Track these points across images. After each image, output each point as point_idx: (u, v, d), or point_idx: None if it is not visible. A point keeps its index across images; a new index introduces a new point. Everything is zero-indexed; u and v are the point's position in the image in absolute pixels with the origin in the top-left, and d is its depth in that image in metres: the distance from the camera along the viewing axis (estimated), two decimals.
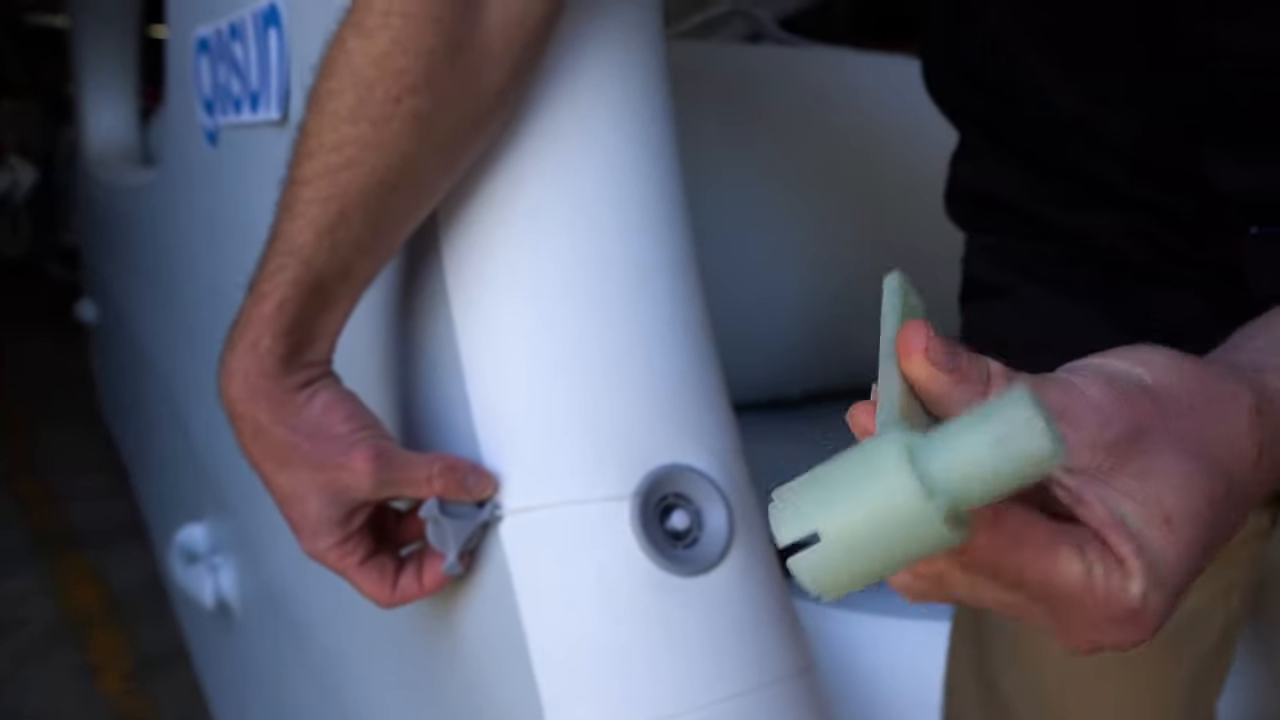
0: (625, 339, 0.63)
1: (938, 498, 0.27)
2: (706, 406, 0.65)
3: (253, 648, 1.41)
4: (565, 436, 0.61)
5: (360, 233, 0.58)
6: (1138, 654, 0.71)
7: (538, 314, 0.63)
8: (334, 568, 0.60)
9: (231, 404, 0.58)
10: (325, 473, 0.57)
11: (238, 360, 0.58)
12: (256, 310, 0.57)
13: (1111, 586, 0.33)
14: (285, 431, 0.57)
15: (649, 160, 0.67)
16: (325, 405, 0.59)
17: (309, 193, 0.56)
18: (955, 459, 0.28)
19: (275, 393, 0.58)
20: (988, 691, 0.78)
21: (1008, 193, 0.76)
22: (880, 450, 0.28)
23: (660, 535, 0.61)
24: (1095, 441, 0.34)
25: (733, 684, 0.59)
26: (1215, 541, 0.35)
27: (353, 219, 0.57)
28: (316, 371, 0.60)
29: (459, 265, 0.64)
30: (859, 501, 0.28)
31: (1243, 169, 0.62)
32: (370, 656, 0.86)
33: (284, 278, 0.57)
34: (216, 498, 1.50)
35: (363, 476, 0.57)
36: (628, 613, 0.59)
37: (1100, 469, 0.34)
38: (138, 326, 2.17)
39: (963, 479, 0.28)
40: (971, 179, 0.80)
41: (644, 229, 0.66)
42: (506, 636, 0.60)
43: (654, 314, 0.65)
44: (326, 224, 0.56)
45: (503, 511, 0.61)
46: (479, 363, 0.63)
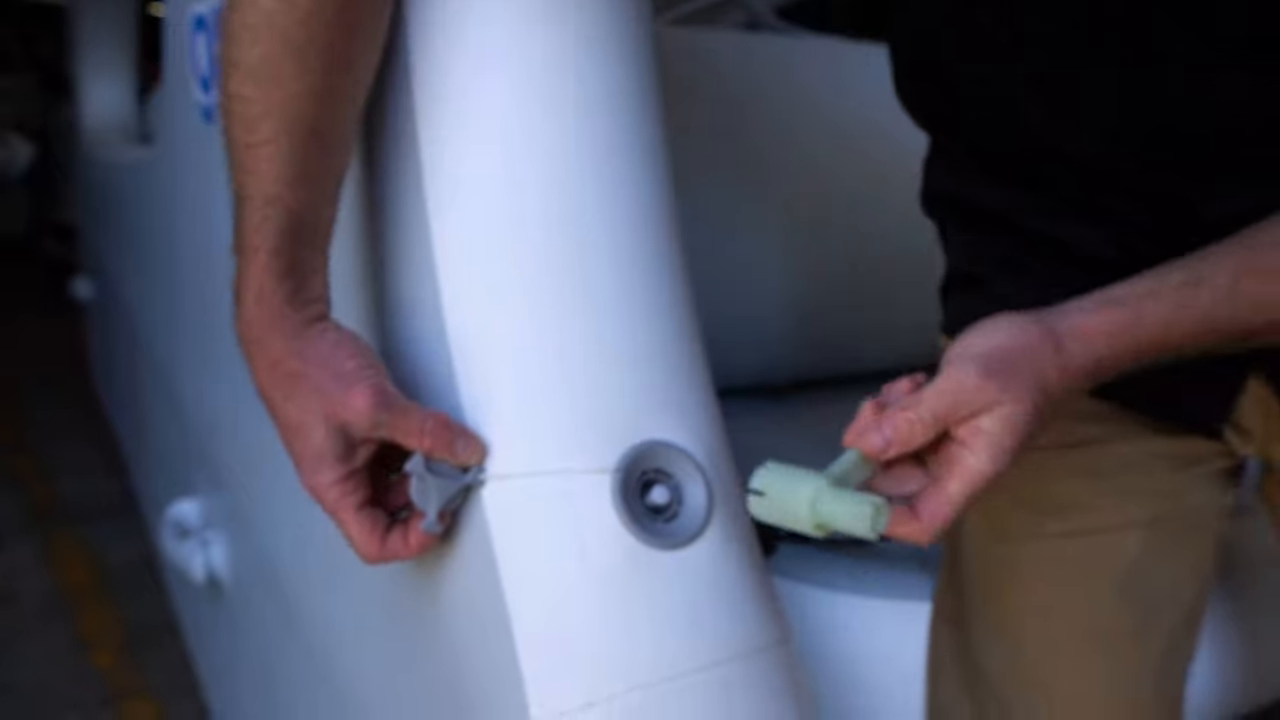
0: (610, 315, 0.64)
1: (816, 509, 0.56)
2: (689, 385, 0.66)
3: (243, 622, 1.42)
4: (549, 407, 0.62)
5: (317, 167, 0.62)
6: (1117, 629, 0.74)
7: (524, 285, 0.64)
8: (330, 507, 0.62)
9: (249, 344, 0.62)
10: (329, 403, 0.60)
11: (249, 310, 0.62)
12: (253, 263, 0.61)
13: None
14: (298, 362, 0.61)
15: (633, 138, 0.68)
16: (335, 341, 0.63)
17: (270, 150, 0.61)
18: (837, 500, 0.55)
19: (288, 328, 0.62)
20: (972, 672, 0.80)
21: (983, 199, 0.78)
22: (808, 479, 0.56)
23: (640, 509, 0.62)
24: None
25: (710, 654, 0.60)
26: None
27: (311, 155, 0.61)
28: (319, 309, 0.64)
29: (445, 229, 0.65)
30: (790, 491, 0.57)
31: (1228, 200, 0.65)
32: (357, 630, 0.87)
33: (270, 228, 0.61)
34: (208, 473, 1.50)
35: (361, 413, 0.60)
36: (608, 583, 0.60)
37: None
38: (132, 303, 2.17)
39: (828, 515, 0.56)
40: (945, 182, 0.83)
41: (630, 208, 0.67)
42: (489, 606, 0.62)
43: (639, 292, 0.66)
44: (292, 171, 0.61)
45: (486, 476, 0.62)
46: (464, 328, 0.64)
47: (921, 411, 0.57)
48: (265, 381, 0.62)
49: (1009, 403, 0.57)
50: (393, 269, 0.70)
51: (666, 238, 0.69)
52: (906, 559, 0.96)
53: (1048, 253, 0.76)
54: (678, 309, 0.68)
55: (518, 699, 0.60)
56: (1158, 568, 0.76)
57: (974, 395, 0.57)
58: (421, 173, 0.66)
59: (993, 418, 0.57)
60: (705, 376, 0.68)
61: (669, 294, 0.67)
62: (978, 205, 0.79)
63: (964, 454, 0.57)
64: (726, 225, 1.37)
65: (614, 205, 0.66)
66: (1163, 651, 0.77)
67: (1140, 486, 0.77)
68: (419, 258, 0.67)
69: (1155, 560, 0.76)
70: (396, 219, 0.69)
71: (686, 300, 0.69)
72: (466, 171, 0.65)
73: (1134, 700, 0.76)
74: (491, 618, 0.61)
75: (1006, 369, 0.58)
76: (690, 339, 0.68)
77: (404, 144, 0.67)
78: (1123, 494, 0.77)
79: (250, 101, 0.61)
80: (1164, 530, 0.77)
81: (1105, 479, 0.77)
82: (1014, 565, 0.78)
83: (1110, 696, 0.76)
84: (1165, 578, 0.76)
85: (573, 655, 0.59)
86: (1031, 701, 0.77)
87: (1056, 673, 0.76)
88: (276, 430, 0.63)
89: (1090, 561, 0.76)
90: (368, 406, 0.60)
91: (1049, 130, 0.71)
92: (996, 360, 0.58)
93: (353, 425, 0.61)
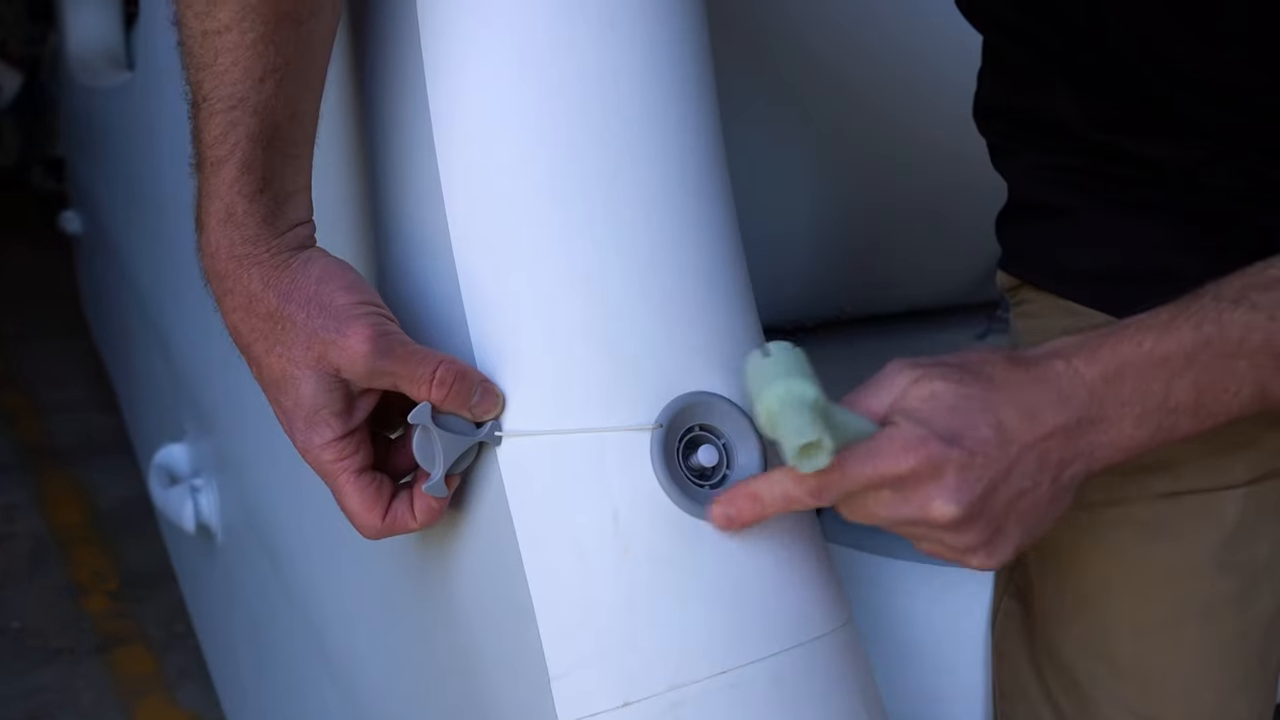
0: (649, 248, 0.56)
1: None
2: (739, 330, 0.58)
3: (235, 573, 1.37)
4: (577, 353, 0.54)
5: (294, 58, 0.53)
6: (1215, 601, 0.67)
7: (545, 213, 0.55)
8: (326, 473, 0.54)
9: (219, 280, 0.54)
10: (318, 348, 0.52)
11: (214, 235, 0.53)
12: (218, 179, 0.53)
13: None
14: (278, 300, 0.53)
15: (676, 51, 0.60)
16: (322, 272, 0.54)
17: (233, 39, 0.52)
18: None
19: (265, 257, 0.53)
20: (1045, 655, 0.74)
21: (1060, 115, 0.71)
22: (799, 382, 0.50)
23: (684, 472, 0.54)
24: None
25: (766, 643, 0.53)
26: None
27: (284, 44, 0.53)
28: (304, 233, 0.56)
29: (452, 145, 0.57)
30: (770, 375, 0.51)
31: None
32: (353, 606, 0.80)
33: (238, 135, 0.52)
34: (197, 417, 1.45)
35: (357, 357, 0.52)
36: (646, 560, 0.52)
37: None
38: (118, 237, 2.13)
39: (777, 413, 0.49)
40: (1010, 97, 0.75)
41: (672, 130, 0.59)
42: (506, 587, 0.54)
43: (682, 223, 0.58)
44: (261, 64, 0.52)
45: (502, 433, 0.54)
46: (476, 262, 0.56)
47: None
48: (240, 324, 0.54)
49: (928, 377, 0.52)
50: (390, 192, 0.61)
51: (712, 164, 0.61)
52: None
53: (1134, 176, 0.68)
54: (725, 244, 0.60)
55: (542, 698, 0.52)
56: (1260, 533, 0.69)
57: (887, 377, 0.53)
58: (424, 76, 0.58)
59: (914, 389, 0.52)
60: (755, 321, 0.60)
61: (716, 227, 0.59)
62: (1048, 119, 0.71)
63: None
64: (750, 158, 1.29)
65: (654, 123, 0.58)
66: (1266, 621, 0.71)
67: (1239, 442, 0.69)
68: (422, 179, 0.58)
69: (1256, 526, 0.69)
70: (393, 131, 0.60)
71: (734, 235, 0.61)
72: (476, 77, 0.57)
73: (1234, 676, 0.71)
74: (509, 601, 0.54)
75: (930, 358, 0.54)
76: (740, 278, 0.60)
77: (401, 38, 0.58)
78: (1219, 452, 0.69)
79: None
80: (1265, 493, 0.69)
81: (1199, 436, 0.69)
82: (1094, 534, 0.71)
83: (1207, 674, 0.70)
84: (1267, 543, 0.70)
85: (606, 646, 0.52)
86: (1114, 685, 0.70)
87: (1145, 652, 0.70)
88: (259, 383, 0.54)
89: (1184, 527, 0.70)
90: (365, 350, 0.52)
91: (1143, 25, 0.63)
92: (921, 358, 0.54)
93: (347, 370, 0.52)
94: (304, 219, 0.56)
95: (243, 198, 0.53)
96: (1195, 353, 0.52)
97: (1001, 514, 0.51)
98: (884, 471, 0.50)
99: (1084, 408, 0.52)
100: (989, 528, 0.51)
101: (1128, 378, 0.52)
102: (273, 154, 0.54)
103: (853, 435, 0.50)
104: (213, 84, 0.52)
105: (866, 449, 0.50)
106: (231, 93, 0.52)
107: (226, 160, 0.52)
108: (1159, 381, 0.52)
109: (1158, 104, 0.66)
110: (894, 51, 1.23)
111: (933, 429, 0.50)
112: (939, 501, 0.50)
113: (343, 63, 0.64)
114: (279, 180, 0.54)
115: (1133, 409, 0.52)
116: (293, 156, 0.55)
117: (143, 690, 1.95)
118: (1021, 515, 0.52)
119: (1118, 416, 0.52)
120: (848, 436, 0.50)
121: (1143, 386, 0.52)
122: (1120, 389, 0.52)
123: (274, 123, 0.53)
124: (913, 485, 0.50)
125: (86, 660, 2.03)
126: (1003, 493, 0.51)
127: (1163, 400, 0.52)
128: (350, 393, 0.54)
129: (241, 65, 0.52)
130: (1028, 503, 0.52)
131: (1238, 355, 0.52)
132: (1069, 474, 0.53)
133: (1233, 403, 0.53)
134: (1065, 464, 0.52)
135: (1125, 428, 0.52)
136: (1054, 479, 0.52)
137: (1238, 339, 0.52)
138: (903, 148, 1.28)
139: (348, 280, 0.54)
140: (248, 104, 0.52)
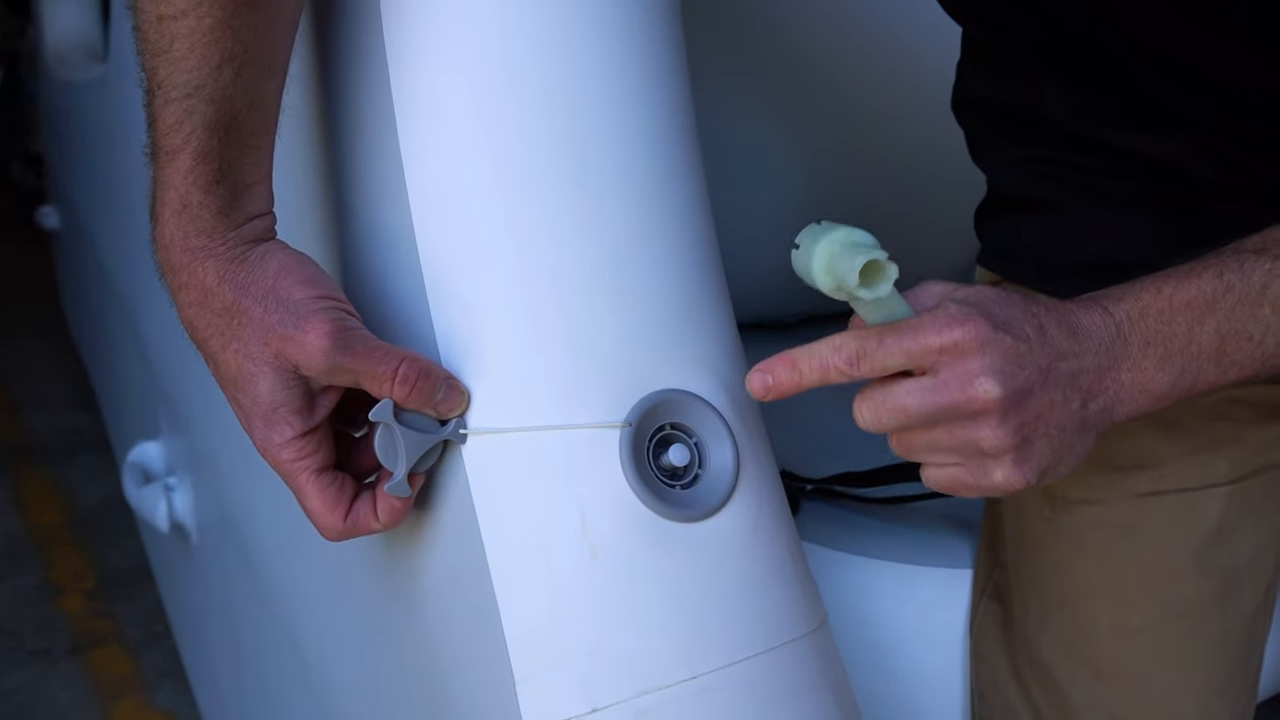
0: (618, 242, 0.55)
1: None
2: (712, 325, 0.57)
3: (209, 572, 1.36)
4: (545, 349, 0.53)
5: (253, 45, 0.52)
6: (1196, 603, 0.66)
7: (512, 205, 0.54)
8: (285, 472, 0.53)
9: (173, 274, 0.52)
10: (276, 343, 0.51)
11: (169, 228, 0.52)
12: (172, 168, 0.51)
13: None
14: (234, 294, 0.51)
15: (648, 37, 0.58)
16: (280, 266, 0.52)
17: (189, 24, 0.50)
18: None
19: (221, 250, 0.52)
20: (1024, 655, 0.73)
21: (1041, 107, 0.70)
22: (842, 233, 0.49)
23: (654, 472, 0.53)
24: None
25: (737, 648, 0.51)
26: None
27: (242, 31, 0.51)
28: (263, 226, 0.54)
29: (414, 135, 0.55)
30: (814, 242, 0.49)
31: None
32: (322, 605, 0.78)
33: (194, 123, 0.51)
34: (171, 414, 1.43)
35: (315, 353, 0.50)
36: (614, 563, 0.51)
37: None
38: (94, 232, 2.11)
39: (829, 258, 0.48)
40: (990, 90, 0.74)
41: (643, 119, 0.57)
42: (471, 589, 0.52)
43: (653, 215, 0.56)
44: (219, 51, 0.50)
45: (467, 430, 0.52)
46: (440, 256, 0.54)
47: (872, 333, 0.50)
48: (195, 320, 0.52)
49: (967, 289, 0.51)
50: (354, 184, 0.60)
51: (685, 157, 0.59)
52: (943, 520, 0.88)
53: (1116, 169, 0.67)
54: (699, 237, 0.58)
55: (507, 703, 0.51)
56: (1242, 533, 0.68)
57: (925, 296, 0.52)
58: (387, 67, 0.56)
59: (958, 294, 0.51)
60: (729, 316, 0.59)
61: (689, 220, 0.58)
62: (1029, 112, 0.70)
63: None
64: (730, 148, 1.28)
65: (624, 114, 0.56)
66: (1246, 624, 0.71)
67: (1222, 439, 0.68)
68: (386, 171, 0.56)
69: (1239, 525, 0.68)
70: (357, 122, 0.58)
71: (708, 229, 0.60)
72: (441, 67, 0.55)
73: (1216, 679, 0.70)
74: (474, 603, 0.52)
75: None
76: (714, 272, 0.58)
77: (365, 28, 0.57)
78: (1202, 449, 0.68)
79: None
80: (1248, 491, 0.68)
81: (1182, 432, 0.69)
82: (1074, 534, 0.70)
83: (1189, 677, 0.69)
84: (1250, 543, 0.69)
85: (572, 651, 0.50)
86: (1094, 688, 0.69)
87: (1125, 654, 0.69)
88: (216, 381, 0.53)
89: (1166, 527, 0.69)
90: (324, 346, 0.50)
91: (1131, 15, 0.62)
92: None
93: (305, 367, 0.51)
94: (263, 211, 0.54)
95: (198, 188, 0.51)
96: (1217, 299, 0.51)
97: (1034, 420, 0.49)
98: (925, 343, 0.48)
99: (1111, 343, 0.51)
100: (1022, 430, 0.49)
101: (1150, 318, 0.51)
102: (230, 144, 0.52)
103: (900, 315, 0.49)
104: (168, 70, 0.50)
105: (910, 323, 0.48)
106: (187, 80, 0.50)
107: (181, 149, 0.51)
108: (1182, 325, 0.51)
109: (1142, 96, 0.65)
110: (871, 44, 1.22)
111: (977, 307, 0.48)
112: (984, 378, 0.47)
113: (306, 53, 0.63)
114: (236, 171, 0.53)
115: (1156, 349, 0.51)
116: (252, 147, 0.53)
117: (120, 691, 1.93)
118: (1050, 432, 0.50)
119: (1141, 356, 0.51)
120: (894, 315, 0.49)
121: (1166, 328, 0.51)
122: (1144, 328, 0.51)
123: (232, 111, 0.52)
124: (955, 361, 0.48)
125: (63, 661, 2.00)
126: (1040, 397, 0.49)
127: (1186, 344, 0.51)
128: (310, 390, 0.52)
129: (198, 51, 0.50)
130: (1058, 418, 0.50)
131: (1260, 302, 0.50)
132: (1095, 407, 0.51)
133: (1256, 352, 0.52)
134: (1093, 395, 0.51)
135: (1149, 369, 0.51)
136: (1083, 404, 0.50)
137: (1260, 285, 0.50)
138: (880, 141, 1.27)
139: (307, 274, 0.52)
140: (204, 92, 0.51)
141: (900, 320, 0.49)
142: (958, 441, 0.49)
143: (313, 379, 0.52)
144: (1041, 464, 0.50)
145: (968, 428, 0.48)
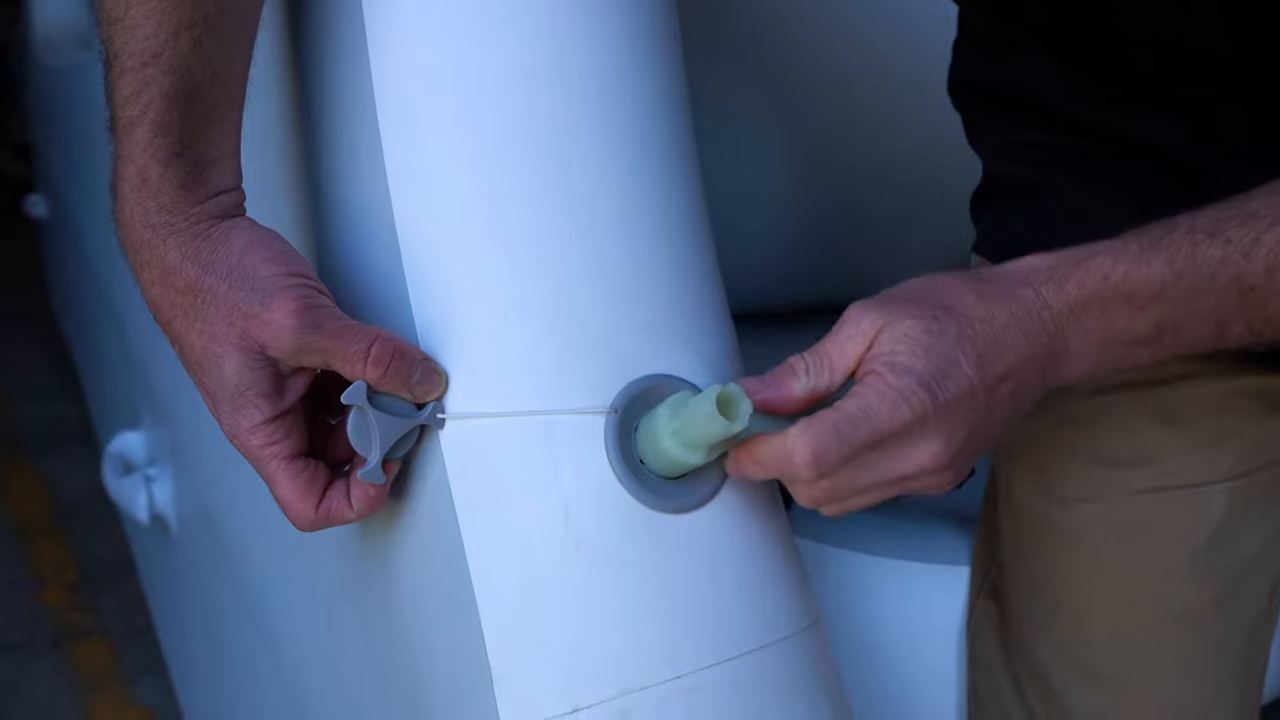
0: (608, 223, 0.52)
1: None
2: (702, 310, 0.55)
3: (189, 565, 1.34)
4: (527, 331, 0.50)
5: (213, 13, 0.50)
6: (1198, 603, 0.64)
7: (494, 184, 0.51)
8: (254, 459, 0.51)
9: (135, 251, 0.50)
10: (241, 323, 0.49)
11: (128, 203, 0.50)
12: (130, 141, 0.49)
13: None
14: (198, 272, 0.49)
15: (645, 32, 0.57)
16: (246, 243, 0.50)
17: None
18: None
19: (183, 226, 0.50)
20: (1020, 658, 0.71)
21: (1040, 90, 0.68)
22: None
23: (641, 461, 0.50)
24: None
25: (726, 646, 0.49)
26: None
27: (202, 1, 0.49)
28: (229, 201, 0.52)
29: (393, 113, 0.53)
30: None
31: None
32: (297, 588, 0.76)
33: (151, 94, 0.49)
34: (151, 404, 1.40)
35: (282, 332, 0.48)
36: (598, 556, 0.49)
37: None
38: (79, 221, 2.09)
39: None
40: (988, 72, 0.73)
41: (632, 100, 0.55)
42: (448, 582, 0.50)
43: (641, 197, 0.54)
44: (176, 18, 0.49)
45: (445, 415, 0.50)
46: (419, 236, 0.52)
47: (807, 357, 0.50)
48: (158, 299, 0.50)
49: (897, 319, 0.49)
50: (329, 159, 0.57)
51: (677, 137, 0.57)
52: (939, 516, 0.86)
53: (1115, 152, 0.66)
54: (690, 220, 0.56)
55: (485, 701, 0.48)
56: (1245, 531, 0.67)
57: (852, 325, 0.49)
58: (365, 37, 0.54)
59: (886, 334, 0.49)
60: (721, 300, 0.57)
61: (680, 202, 0.56)
62: (1027, 95, 0.69)
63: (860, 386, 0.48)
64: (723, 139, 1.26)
65: (613, 90, 0.54)
66: (1249, 625, 0.69)
67: (1225, 434, 0.66)
68: (363, 145, 0.54)
69: (1241, 524, 0.67)
70: (333, 95, 0.56)
71: (701, 211, 0.58)
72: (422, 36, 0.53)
73: (1216, 683, 0.68)
74: (451, 596, 0.50)
75: (890, 297, 0.51)
76: (706, 255, 0.56)
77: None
78: (1205, 444, 0.67)
79: None
80: (1252, 488, 0.67)
81: (1183, 426, 0.67)
82: (1073, 532, 0.68)
83: (1188, 681, 0.67)
84: (1253, 542, 0.67)
85: (553, 648, 0.48)
86: (1091, 692, 0.68)
87: (1124, 657, 0.68)
88: (182, 363, 0.51)
89: (1167, 525, 0.67)
90: (291, 324, 0.48)
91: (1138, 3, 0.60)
92: (881, 298, 0.51)
93: (272, 347, 0.49)
94: (229, 186, 0.52)
95: (157, 161, 0.49)
96: (1164, 289, 0.50)
97: (973, 450, 0.50)
98: (882, 428, 0.46)
99: (1051, 340, 0.50)
100: (962, 459, 0.50)
101: (1092, 310, 0.50)
102: (191, 115, 0.50)
103: (769, 428, 0.48)
104: (124, 39, 0.49)
105: (856, 409, 0.47)
106: (144, 48, 0.48)
107: (139, 121, 0.49)
108: (1123, 317, 0.50)
109: (1142, 79, 0.63)
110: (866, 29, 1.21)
111: (917, 376, 0.47)
112: (933, 445, 0.47)
113: (279, 24, 0.61)
114: (199, 144, 0.50)
115: (1093, 338, 0.51)
116: (216, 119, 0.51)
117: (99, 685, 1.90)
118: (988, 439, 0.50)
119: (1080, 346, 0.51)
120: (765, 428, 0.48)
121: (1104, 320, 0.50)
122: (1085, 321, 0.50)
123: (192, 82, 0.50)
124: (906, 439, 0.47)
125: (43, 655, 1.98)
126: (981, 431, 0.49)
127: (1124, 331, 0.50)
128: (279, 372, 0.50)
129: (154, 19, 0.48)
130: (996, 427, 0.50)
131: (1206, 292, 0.49)
132: (1030, 399, 0.51)
133: (1188, 338, 0.51)
134: (1032, 392, 0.51)
135: (1087, 357, 0.51)
136: (1018, 405, 0.51)
137: (1209, 274, 0.49)
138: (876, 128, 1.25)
139: (273, 250, 0.50)
140: (161, 60, 0.48)
141: (848, 409, 0.47)
142: (899, 490, 0.50)
143: (281, 360, 0.49)
144: (972, 463, 0.51)
145: (910, 483, 0.49)
